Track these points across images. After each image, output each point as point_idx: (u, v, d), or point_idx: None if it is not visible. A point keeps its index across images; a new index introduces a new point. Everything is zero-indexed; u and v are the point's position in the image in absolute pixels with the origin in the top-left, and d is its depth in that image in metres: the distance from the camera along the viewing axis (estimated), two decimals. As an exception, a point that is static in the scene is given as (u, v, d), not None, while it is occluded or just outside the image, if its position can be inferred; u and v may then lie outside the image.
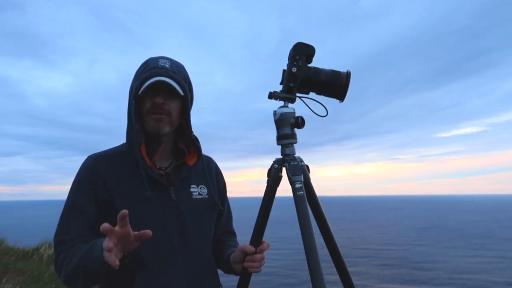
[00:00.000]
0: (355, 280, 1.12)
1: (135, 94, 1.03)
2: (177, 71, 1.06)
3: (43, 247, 6.70)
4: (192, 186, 1.15)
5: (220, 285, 1.20)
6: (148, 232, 0.83)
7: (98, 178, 1.03)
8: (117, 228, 0.81)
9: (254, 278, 1.10)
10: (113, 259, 0.78)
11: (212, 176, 1.25)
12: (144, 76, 1.01)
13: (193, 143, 1.15)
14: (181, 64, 1.11)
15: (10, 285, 4.48)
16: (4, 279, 4.62)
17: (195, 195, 1.14)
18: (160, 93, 1.03)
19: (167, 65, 1.05)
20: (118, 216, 0.80)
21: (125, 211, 0.80)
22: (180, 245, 1.05)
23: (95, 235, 0.96)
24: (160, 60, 1.06)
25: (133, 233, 0.84)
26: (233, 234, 1.35)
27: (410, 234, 26.65)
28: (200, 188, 1.16)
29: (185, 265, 1.05)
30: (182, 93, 1.04)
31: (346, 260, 1.12)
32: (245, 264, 1.06)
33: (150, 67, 1.03)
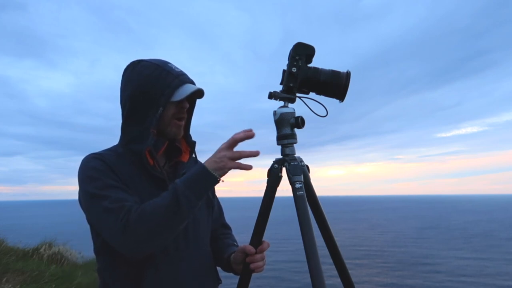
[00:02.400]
0: (355, 281, 1.12)
1: (166, 100, 1.02)
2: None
3: (43, 247, 6.71)
4: None
5: (220, 279, 1.20)
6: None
7: (115, 169, 1.00)
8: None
9: (254, 278, 1.10)
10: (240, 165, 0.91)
11: None
12: (176, 83, 1.03)
13: (186, 140, 1.18)
14: None
15: (10, 285, 4.49)
16: (4, 279, 4.63)
17: None
18: (186, 98, 1.06)
19: (179, 69, 1.07)
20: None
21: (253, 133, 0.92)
22: (184, 241, 1.07)
23: None
24: (170, 64, 1.07)
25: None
26: (228, 228, 1.37)
27: (410, 234, 26.65)
28: None
29: (189, 260, 1.07)
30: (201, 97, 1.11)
31: (346, 260, 1.12)
32: (248, 262, 1.07)
33: (174, 74, 1.04)
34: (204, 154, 1.32)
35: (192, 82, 1.09)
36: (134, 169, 1.05)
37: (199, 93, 1.09)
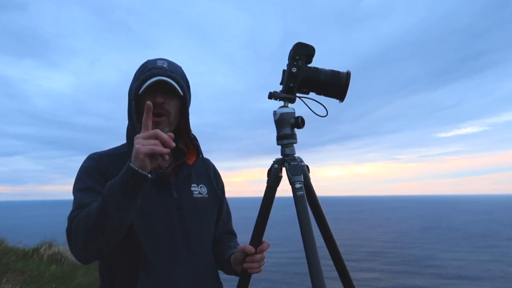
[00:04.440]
0: (355, 281, 1.12)
1: (135, 94, 1.04)
2: (175, 71, 1.09)
3: (43, 247, 6.71)
4: (192, 185, 1.16)
5: (221, 283, 1.20)
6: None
7: (106, 171, 1.04)
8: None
9: (254, 279, 1.10)
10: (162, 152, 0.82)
11: (211, 176, 1.26)
12: (143, 76, 1.03)
13: (192, 142, 1.17)
14: (178, 65, 1.13)
15: (10, 285, 4.49)
16: (4, 279, 4.63)
17: (196, 194, 1.15)
18: (160, 93, 1.05)
19: (165, 65, 1.07)
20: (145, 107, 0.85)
21: (149, 102, 0.86)
22: (182, 243, 1.06)
23: None
24: (158, 61, 1.08)
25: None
26: (233, 234, 1.36)
27: (411, 234, 26.64)
28: (200, 187, 1.18)
29: (187, 263, 1.06)
30: (181, 93, 1.06)
31: (346, 261, 1.11)
32: (245, 265, 1.07)
33: (148, 68, 1.05)
34: (204, 154, 1.32)
35: (171, 77, 1.04)
36: None
37: (170, 87, 1.03)
